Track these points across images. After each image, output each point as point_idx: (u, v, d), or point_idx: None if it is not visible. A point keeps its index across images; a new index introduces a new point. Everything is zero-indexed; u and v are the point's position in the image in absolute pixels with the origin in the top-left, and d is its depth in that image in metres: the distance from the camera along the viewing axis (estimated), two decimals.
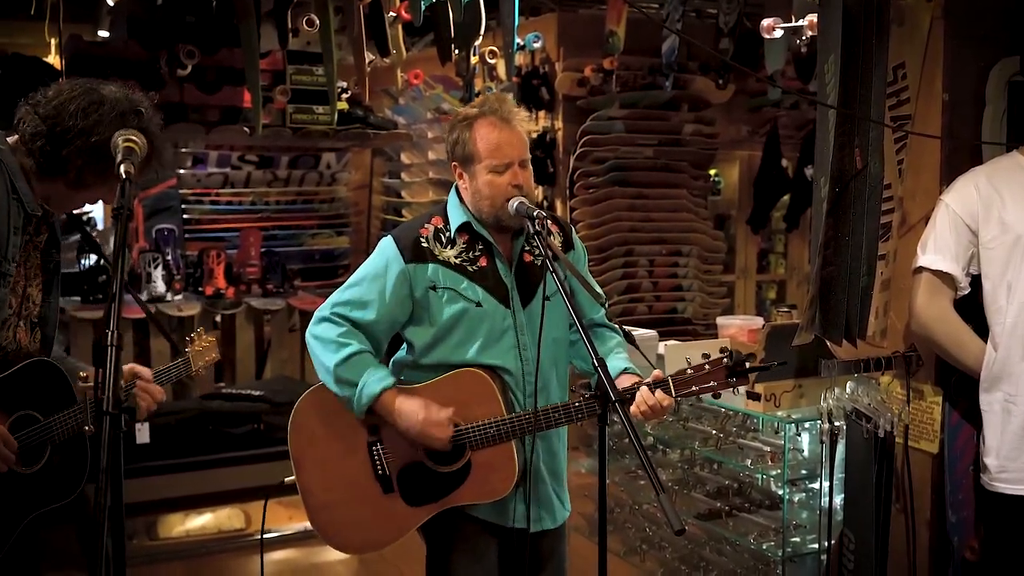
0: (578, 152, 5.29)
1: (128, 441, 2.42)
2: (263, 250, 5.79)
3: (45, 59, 4.99)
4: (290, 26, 4.29)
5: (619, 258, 5.40)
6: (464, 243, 2.34)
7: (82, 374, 2.20)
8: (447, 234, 2.35)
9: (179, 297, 5.31)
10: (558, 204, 5.54)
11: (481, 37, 4.25)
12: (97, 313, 4.78)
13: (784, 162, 6.14)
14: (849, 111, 2.62)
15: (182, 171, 5.95)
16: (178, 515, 4.53)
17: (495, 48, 4.99)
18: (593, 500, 3.20)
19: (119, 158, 1.87)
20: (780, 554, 3.26)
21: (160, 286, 5.23)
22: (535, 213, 2.21)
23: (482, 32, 4.17)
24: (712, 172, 6.23)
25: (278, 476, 2.49)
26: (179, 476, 4.44)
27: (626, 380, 2.28)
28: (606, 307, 2.41)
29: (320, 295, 5.64)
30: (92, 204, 2.83)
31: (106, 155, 1.96)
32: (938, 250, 2.64)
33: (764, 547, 3.34)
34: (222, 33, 4.96)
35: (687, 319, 5.55)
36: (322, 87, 5.00)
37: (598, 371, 2.01)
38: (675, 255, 5.57)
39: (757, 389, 3.18)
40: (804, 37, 3.42)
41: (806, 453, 3.32)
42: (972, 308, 2.66)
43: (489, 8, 4.11)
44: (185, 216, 5.98)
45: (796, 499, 3.36)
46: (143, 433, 4.41)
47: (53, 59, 5.09)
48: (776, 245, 6.92)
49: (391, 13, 4.08)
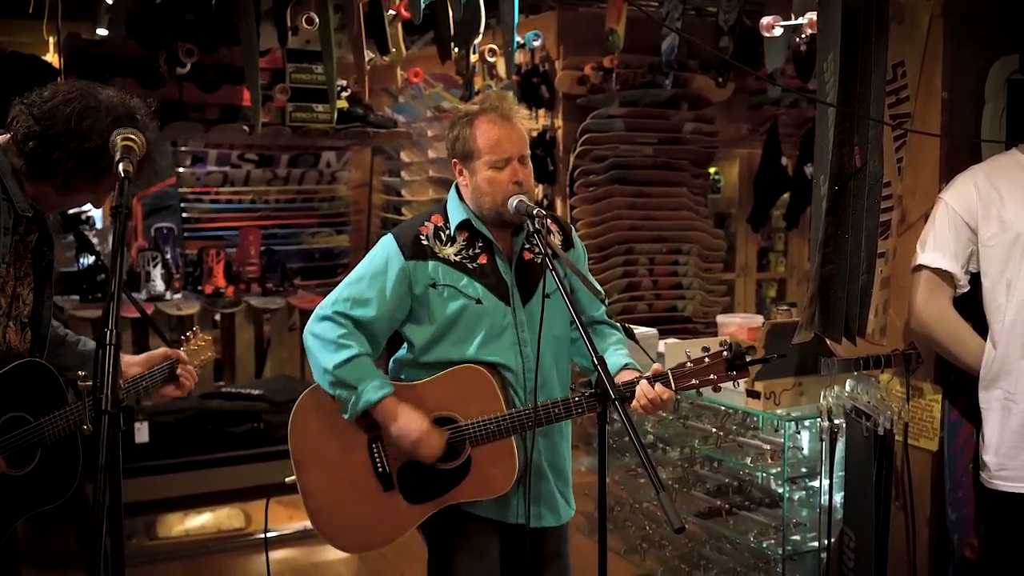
0: (578, 150, 5.29)
1: (127, 440, 2.41)
2: (263, 249, 5.78)
3: (44, 57, 4.99)
4: (289, 24, 4.29)
5: (619, 256, 5.40)
6: (464, 240, 2.34)
7: (81, 373, 2.19)
8: (447, 231, 2.35)
9: (178, 296, 5.31)
10: (558, 202, 5.53)
11: (481, 35, 4.25)
12: (95, 312, 4.77)
13: (784, 160, 6.14)
14: (849, 109, 2.62)
15: (181, 170, 5.93)
16: (177, 515, 4.52)
17: (495, 46, 4.99)
18: (593, 498, 3.20)
19: (117, 156, 1.83)
20: (780, 552, 3.26)
21: (159, 285, 5.22)
22: (535, 211, 2.21)
23: (482, 30, 4.17)
24: (712, 170, 6.23)
25: (278, 475, 2.48)
26: (178, 475, 4.43)
27: (626, 375, 2.28)
28: (606, 304, 2.41)
29: (320, 294, 5.63)
30: (80, 207, 2.79)
31: (96, 161, 1.93)
32: (937, 248, 2.63)
33: (764, 545, 3.34)
34: (221, 31, 4.96)
35: (687, 317, 5.55)
36: (322, 85, 5.00)
37: (598, 369, 2.00)
38: (675, 253, 5.57)
39: (757, 387, 3.18)
40: (804, 35, 3.42)
41: (806, 451, 3.32)
42: (971, 306, 2.66)
43: (489, 6, 4.11)
44: (184, 215, 5.97)
45: (796, 497, 3.36)
46: (142, 432, 4.40)
47: (52, 57, 5.08)
48: (776, 243, 6.92)
49: (391, 11, 4.08)
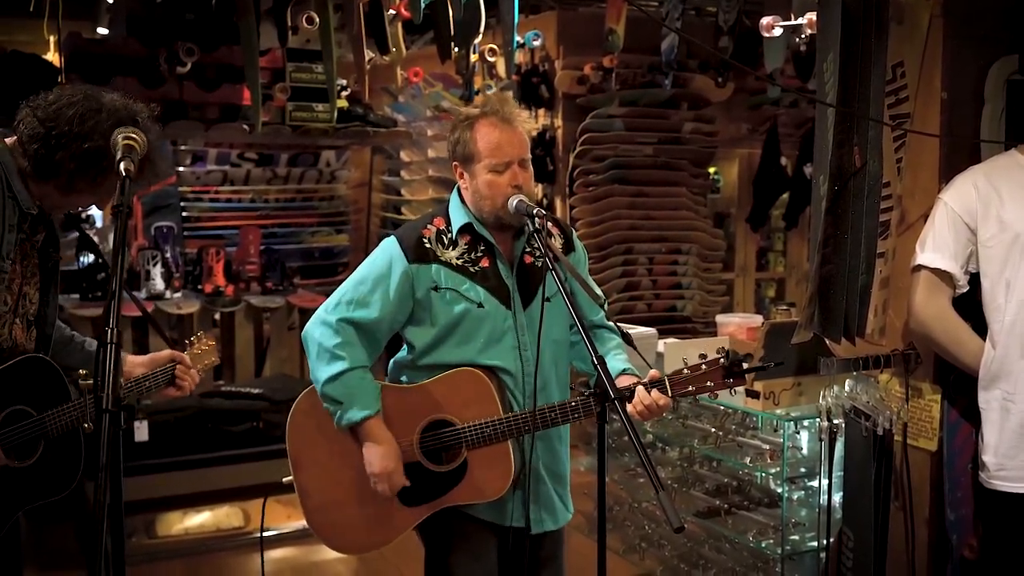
0: (578, 150, 5.29)
1: (127, 439, 2.42)
2: (262, 248, 5.79)
3: (44, 56, 4.98)
4: (290, 24, 4.29)
5: (619, 256, 5.41)
6: (466, 244, 2.34)
7: (82, 372, 2.22)
8: (449, 235, 2.35)
9: (178, 295, 5.31)
10: (557, 202, 5.53)
11: (481, 35, 4.25)
12: (96, 311, 4.77)
13: (783, 160, 6.14)
14: (848, 109, 2.62)
15: (181, 169, 5.94)
16: (177, 513, 4.52)
17: (495, 46, 4.99)
18: (592, 498, 3.20)
19: (118, 155, 1.87)
20: (779, 552, 3.26)
21: (159, 284, 5.23)
22: (535, 211, 2.21)
23: (482, 30, 4.17)
24: (711, 170, 6.23)
25: (277, 474, 2.48)
26: (178, 474, 4.43)
27: (624, 381, 2.28)
28: (605, 309, 2.41)
29: (319, 293, 5.64)
30: (83, 208, 2.86)
31: (98, 161, 1.97)
32: (937, 248, 2.64)
33: (763, 545, 3.34)
34: (222, 30, 4.96)
35: (686, 317, 5.56)
36: (322, 85, 5.00)
37: (597, 369, 2.00)
38: (675, 253, 5.58)
39: (756, 387, 3.19)
40: (803, 35, 3.42)
41: (805, 451, 3.32)
42: (971, 306, 2.66)
43: (489, 6, 4.11)
44: (184, 214, 5.98)
45: (795, 497, 3.36)
46: (142, 431, 4.40)
47: (52, 56, 5.08)
48: (775, 243, 6.93)
49: (391, 11, 4.08)
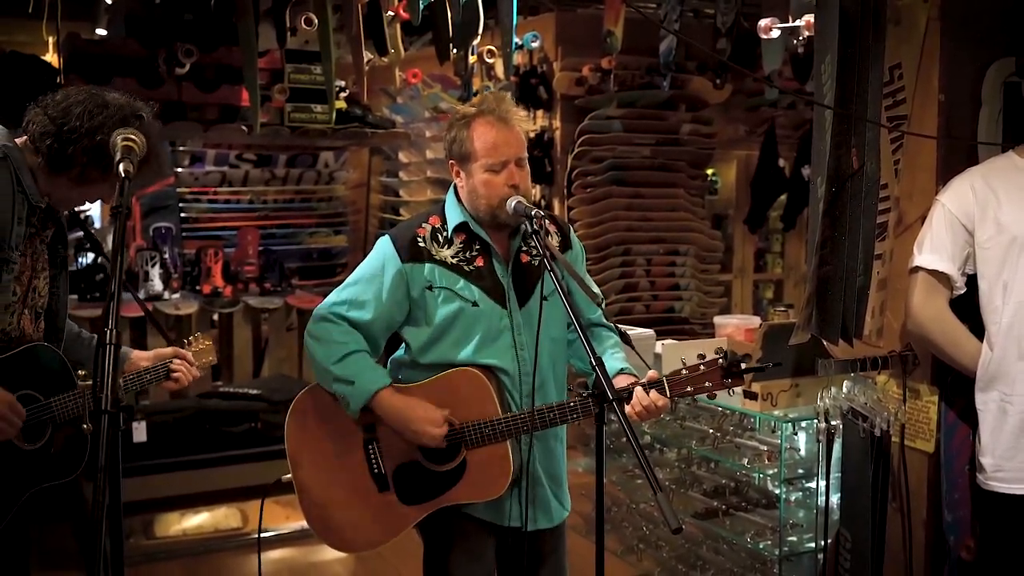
0: (576, 151, 5.30)
1: (125, 440, 2.45)
2: (261, 249, 5.79)
3: (43, 57, 4.98)
4: (288, 25, 4.29)
5: (617, 257, 5.41)
6: (461, 243, 2.34)
7: (81, 372, 2.28)
8: (444, 234, 2.35)
9: (176, 296, 5.31)
10: (556, 203, 5.54)
11: (479, 36, 4.25)
12: (94, 311, 4.77)
13: (781, 162, 6.15)
14: (846, 111, 2.62)
15: (180, 169, 5.94)
16: (175, 514, 4.52)
17: (493, 47, 4.99)
18: (590, 499, 3.20)
19: (118, 157, 1.94)
20: (777, 553, 3.27)
21: (157, 284, 5.23)
22: (533, 212, 2.21)
23: (480, 31, 4.17)
24: (709, 172, 6.24)
25: (275, 475, 2.49)
26: (176, 475, 4.43)
27: (623, 380, 2.28)
28: (603, 307, 2.41)
29: (318, 294, 5.64)
30: (91, 202, 2.97)
31: (108, 154, 2.06)
32: (934, 250, 2.64)
33: (761, 546, 3.35)
34: (220, 31, 4.96)
35: (684, 318, 5.56)
36: (320, 86, 5.00)
37: (595, 370, 2.00)
38: (672, 254, 5.58)
39: (754, 388, 3.19)
40: (801, 37, 3.42)
41: (803, 452, 3.33)
42: (968, 308, 2.67)
43: (487, 7, 4.11)
44: (183, 214, 5.98)
45: (793, 498, 3.37)
46: (140, 432, 4.41)
47: (51, 57, 5.08)
48: (773, 245, 6.94)
49: (389, 12, 4.08)
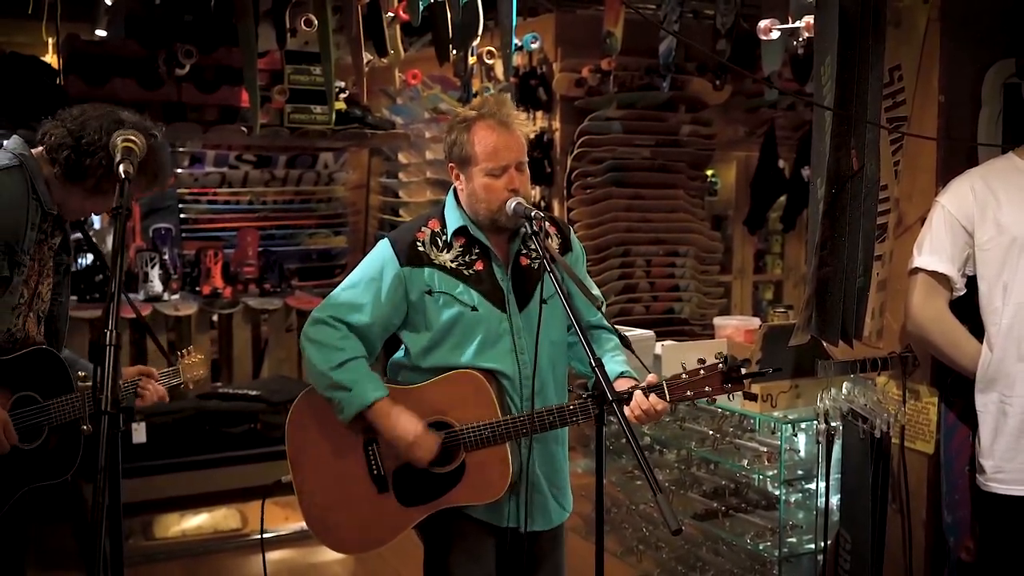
0: (576, 152, 5.30)
1: (125, 441, 2.48)
2: (260, 250, 5.79)
3: (43, 58, 4.98)
4: (288, 26, 4.28)
5: (616, 258, 5.41)
6: (461, 247, 2.34)
7: (81, 373, 2.31)
8: (444, 237, 2.34)
9: (176, 296, 5.31)
10: (555, 204, 5.54)
11: (479, 37, 4.25)
12: (93, 312, 4.77)
13: (781, 163, 6.15)
14: (845, 113, 2.62)
15: (179, 170, 5.94)
16: (175, 515, 4.52)
17: (493, 48, 4.99)
18: (590, 500, 3.20)
19: (118, 157, 1.97)
20: (776, 554, 3.27)
21: (157, 285, 5.22)
22: (532, 213, 2.20)
23: (480, 32, 4.17)
24: (709, 173, 6.24)
25: (275, 476, 2.48)
26: (176, 476, 4.43)
27: (623, 384, 2.27)
28: (603, 310, 2.41)
29: (317, 295, 5.64)
30: (100, 213, 3.08)
31: None
32: (934, 251, 2.64)
33: (760, 547, 3.35)
34: (220, 32, 4.96)
35: (684, 319, 5.56)
36: (320, 87, 5.00)
37: (595, 371, 2.00)
38: (672, 255, 5.58)
39: (754, 390, 3.19)
40: (801, 38, 3.42)
41: (802, 453, 3.33)
42: (968, 309, 2.67)
43: (487, 8, 4.11)
44: (182, 215, 5.98)
45: (792, 499, 3.37)
46: (140, 433, 4.40)
47: (51, 58, 5.08)
48: (773, 246, 6.94)
49: (389, 13, 4.08)
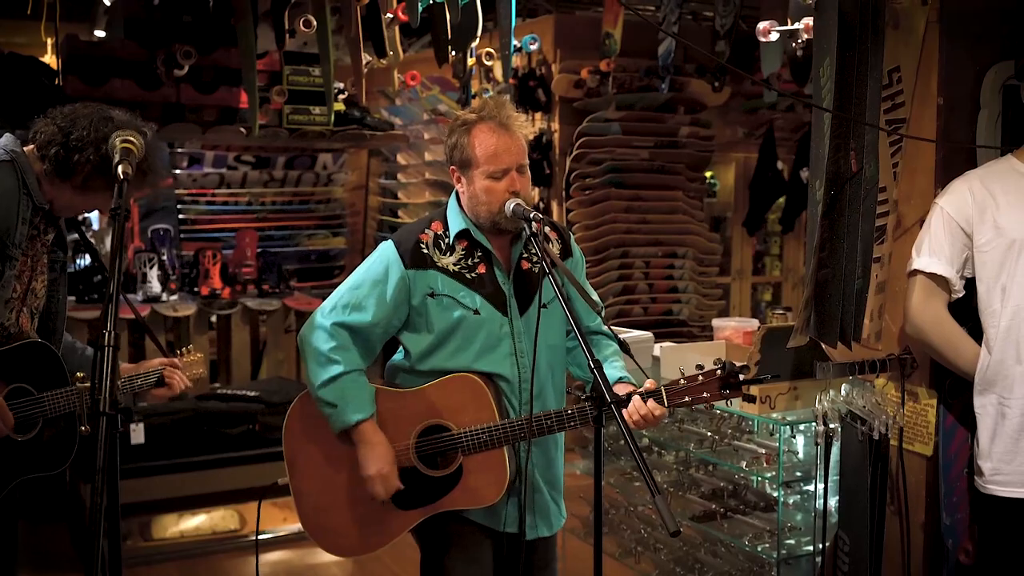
0: (574, 154, 5.30)
1: (123, 441, 2.48)
2: (259, 250, 5.79)
3: (41, 59, 4.98)
4: (287, 27, 4.28)
5: (615, 260, 5.41)
6: (463, 250, 2.34)
7: (80, 374, 2.31)
8: (446, 241, 2.34)
9: (174, 297, 5.31)
10: (554, 206, 5.54)
11: (478, 38, 4.25)
12: (92, 313, 4.77)
13: (780, 164, 6.16)
14: (844, 114, 2.62)
15: (178, 171, 5.94)
16: (172, 516, 4.51)
17: (492, 50, 5.00)
18: (588, 502, 3.20)
19: (116, 158, 1.98)
20: (775, 556, 3.26)
21: (155, 286, 5.22)
22: (531, 215, 2.20)
23: (479, 34, 4.17)
24: (708, 174, 6.25)
25: (273, 477, 2.48)
26: (174, 477, 4.42)
27: (621, 389, 2.28)
28: (602, 316, 2.40)
29: (316, 296, 5.64)
30: (91, 211, 3.07)
31: (111, 164, 2.09)
32: (933, 253, 2.64)
33: (759, 549, 3.34)
34: (219, 33, 4.95)
35: (683, 321, 5.56)
36: (319, 88, 5.00)
37: (594, 373, 2.00)
38: (671, 257, 5.59)
39: (752, 391, 3.18)
40: (800, 40, 3.42)
41: (801, 455, 3.32)
42: (967, 311, 2.67)
43: (486, 10, 4.11)
44: (181, 216, 5.98)
45: (791, 501, 3.37)
46: (138, 433, 4.39)
47: (49, 59, 5.07)
48: (771, 247, 6.94)
49: (388, 14, 4.08)
